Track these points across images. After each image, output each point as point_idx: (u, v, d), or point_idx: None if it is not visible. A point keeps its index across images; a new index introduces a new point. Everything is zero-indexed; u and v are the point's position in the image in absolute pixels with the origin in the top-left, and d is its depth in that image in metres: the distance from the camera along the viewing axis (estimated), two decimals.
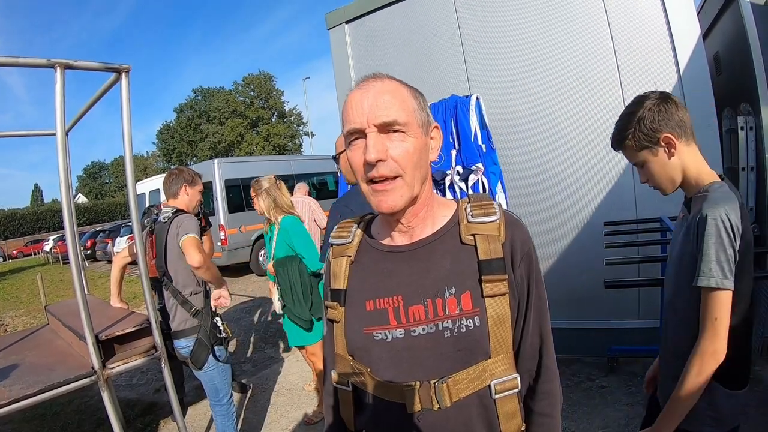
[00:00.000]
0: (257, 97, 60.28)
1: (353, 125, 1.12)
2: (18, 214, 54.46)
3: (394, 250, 1.24)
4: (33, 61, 2.43)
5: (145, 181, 14.95)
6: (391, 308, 1.17)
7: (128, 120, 2.75)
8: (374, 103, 1.10)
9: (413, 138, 1.12)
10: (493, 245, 1.16)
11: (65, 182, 2.51)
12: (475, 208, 1.22)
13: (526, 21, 4.83)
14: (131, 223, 2.87)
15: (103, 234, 27.86)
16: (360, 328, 1.20)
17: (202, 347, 3.38)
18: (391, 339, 1.16)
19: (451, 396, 1.10)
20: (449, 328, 1.12)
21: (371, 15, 5.69)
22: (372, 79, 1.16)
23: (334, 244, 1.34)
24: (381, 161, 1.09)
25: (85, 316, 2.54)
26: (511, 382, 1.16)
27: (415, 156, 1.12)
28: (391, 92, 1.13)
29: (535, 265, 1.21)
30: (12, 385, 2.57)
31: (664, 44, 4.28)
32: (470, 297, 1.13)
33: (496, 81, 4.99)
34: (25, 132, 4.10)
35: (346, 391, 1.26)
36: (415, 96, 1.18)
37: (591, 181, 4.66)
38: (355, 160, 1.13)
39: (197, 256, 3.21)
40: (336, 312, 1.25)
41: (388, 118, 1.09)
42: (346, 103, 1.16)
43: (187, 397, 5.13)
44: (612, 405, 3.97)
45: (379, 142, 1.09)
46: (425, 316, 1.14)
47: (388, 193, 1.11)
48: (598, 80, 4.56)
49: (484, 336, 1.12)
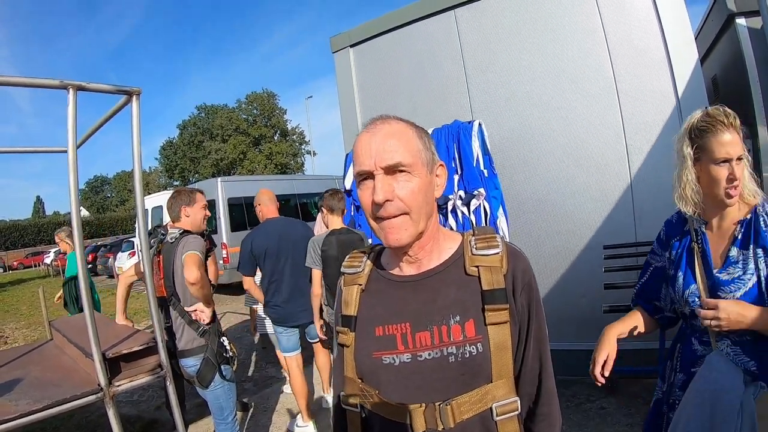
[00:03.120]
0: (260, 115, 60.43)
1: (362, 167, 1.20)
2: (19, 225, 54.63)
3: (403, 280, 1.30)
4: (46, 82, 2.47)
5: (148, 198, 15.00)
6: (399, 334, 1.23)
7: (138, 142, 2.80)
8: (381, 147, 1.18)
9: (418, 178, 1.20)
10: (495, 276, 1.23)
11: (75, 200, 2.54)
12: (479, 241, 1.30)
13: (527, 47, 4.91)
14: (135, 239, 2.90)
15: (104, 248, 27.89)
16: (369, 352, 1.26)
17: (209, 366, 3.41)
18: (399, 363, 1.22)
19: (454, 417, 1.16)
20: (453, 354, 1.18)
21: (376, 39, 5.77)
22: (380, 122, 1.25)
23: (346, 273, 1.42)
24: (388, 201, 1.17)
25: (93, 333, 2.55)
26: (512, 404, 1.22)
27: (420, 195, 1.20)
28: (396, 135, 1.21)
29: (535, 294, 1.28)
30: (18, 400, 2.58)
31: (662, 67, 4.35)
32: (474, 325, 1.20)
33: (498, 105, 5.06)
34: (36, 149, 4.13)
35: (354, 412, 1.31)
36: (420, 136, 1.26)
37: (591, 204, 4.70)
38: (364, 199, 1.22)
39: (195, 273, 3.25)
40: (347, 337, 1.31)
41: (392, 161, 1.17)
42: (356, 145, 1.24)
43: (188, 415, 5.12)
44: (612, 426, 3.98)
45: (386, 183, 1.17)
46: (431, 342, 1.20)
47: (395, 230, 1.19)
48: (598, 104, 4.63)
49: (487, 361, 1.18)
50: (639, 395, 4.39)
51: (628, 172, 4.56)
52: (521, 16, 4.94)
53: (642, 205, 4.52)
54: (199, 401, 5.07)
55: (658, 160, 4.38)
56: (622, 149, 4.57)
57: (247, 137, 58.40)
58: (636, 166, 4.53)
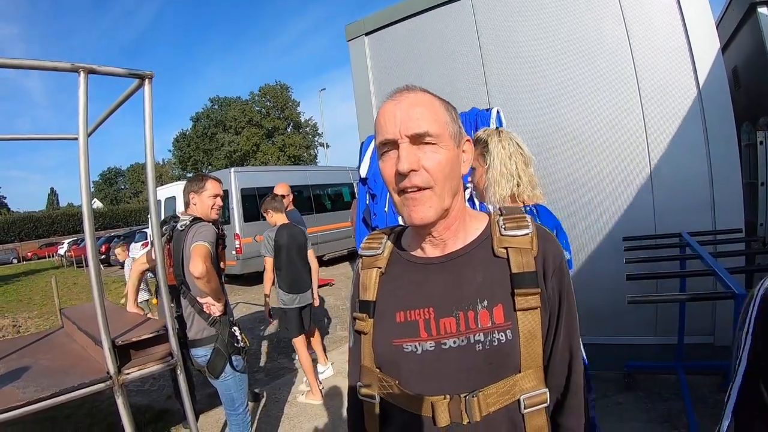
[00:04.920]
0: (273, 107, 60.58)
1: (386, 136, 1.12)
2: (34, 217, 55.14)
3: (426, 262, 1.22)
4: (57, 64, 2.44)
5: (161, 189, 15.03)
6: (422, 320, 1.15)
7: (150, 127, 2.75)
8: (407, 114, 1.10)
9: (445, 150, 1.12)
10: (525, 258, 1.15)
11: (86, 186, 2.51)
12: (507, 221, 1.21)
13: (545, 35, 4.83)
14: (148, 230, 2.86)
15: (117, 239, 28.04)
16: (389, 339, 1.18)
17: (220, 357, 3.34)
18: (421, 351, 1.14)
19: (481, 410, 1.09)
20: (481, 341, 1.10)
21: (391, 27, 5.72)
22: (405, 91, 1.16)
23: (364, 255, 1.33)
24: (413, 171, 1.08)
25: (103, 321, 2.53)
26: (541, 396, 1.14)
27: (447, 168, 1.11)
28: (423, 104, 1.13)
29: (566, 279, 1.19)
30: (25, 388, 2.56)
31: (684, 58, 4.26)
32: (502, 310, 1.12)
33: (516, 94, 4.98)
34: (47, 136, 4.12)
35: (372, 404, 1.24)
36: (447, 108, 1.18)
37: (611, 194, 4.63)
38: (387, 171, 1.13)
39: (200, 266, 3.12)
40: (365, 324, 1.23)
41: (420, 129, 1.09)
42: (379, 115, 1.15)
43: (198, 405, 5.11)
44: (628, 422, 3.90)
45: (411, 152, 1.09)
46: (456, 329, 1.12)
47: (419, 206, 1.10)
48: (618, 93, 4.55)
49: (516, 350, 1.10)
50: (656, 391, 4.32)
51: (648, 164, 4.48)
52: (539, 4, 4.86)
53: (662, 197, 4.44)
54: (209, 391, 5.06)
55: (679, 151, 4.30)
56: (642, 140, 4.49)
57: (260, 129, 58.60)
58: (656, 158, 4.45)
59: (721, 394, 1.02)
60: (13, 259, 45.22)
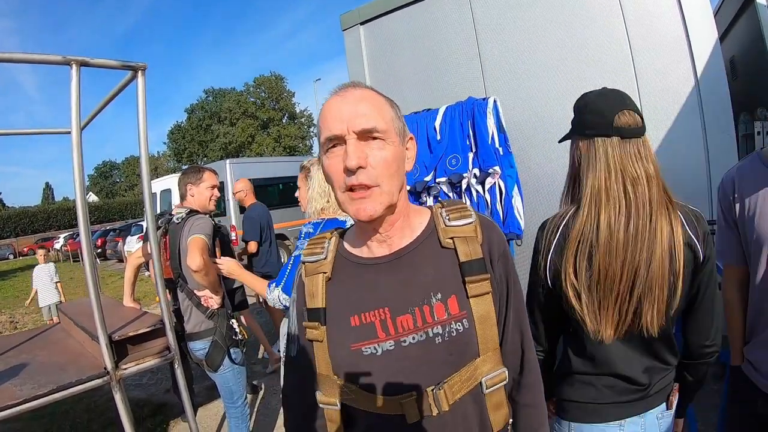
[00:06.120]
0: (268, 98, 60.50)
1: (332, 132, 1.10)
2: (29, 212, 54.94)
3: (375, 262, 1.22)
4: (49, 57, 2.42)
5: (156, 181, 14.97)
6: (378, 321, 1.16)
7: (144, 119, 2.73)
8: (354, 109, 1.09)
9: (392, 146, 1.12)
10: (472, 246, 1.18)
11: (79, 180, 2.49)
12: (451, 212, 1.25)
13: (541, 22, 4.79)
14: (144, 223, 2.85)
15: (113, 233, 28.04)
16: (346, 344, 1.17)
17: (218, 349, 3.33)
18: (381, 352, 1.14)
19: (448, 400, 1.12)
20: (440, 334, 1.13)
21: (387, 16, 5.66)
22: (350, 87, 1.16)
23: (306, 261, 1.31)
24: (361, 168, 1.07)
25: (99, 316, 2.51)
26: (500, 375, 1.19)
27: (393, 165, 1.12)
28: (369, 99, 1.13)
29: (511, 263, 1.25)
30: (23, 385, 2.55)
31: (681, 46, 4.23)
32: (456, 300, 1.15)
33: (512, 82, 4.95)
34: (40, 130, 4.09)
35: (333, 410, 1.22)
36: (392, 105, 1.19)
37: None
38: (333, 167, 1.11)
39: (197, 259, 3.08)
40: (317, 332, 1.21)
41: (368, 125, 1.08)
42: (324, 110, 1.14)
43: (197, 398, 5.11)
44: None
45: (359, 148, 1.08)
46: (414, 325, 1.14)
47: (366, 201, 1.09)
48: (614, 81, 4.47)
49: (473, 337, 1.15)
50: None
51: None
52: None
53: None
54: (208, 384, 5.06)
55: (677, 142, 4.28)
56: None
57: (255, 120, 58.52)
58: (653, 148, 4.40)
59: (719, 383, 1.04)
60: (9, 254, 45.15)
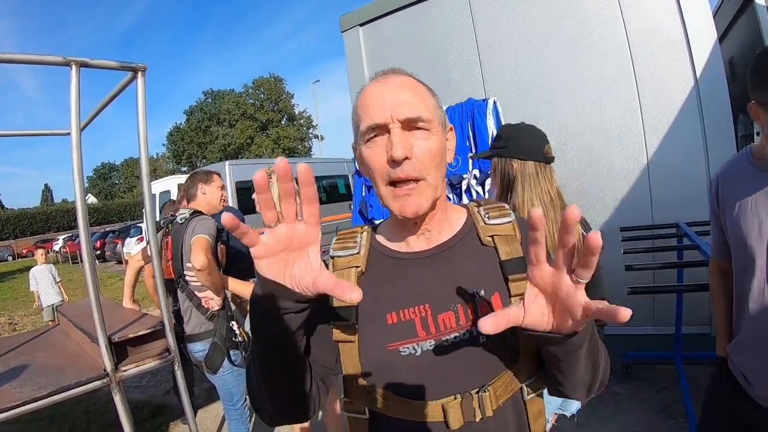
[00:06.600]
0: (267, 99, 60.57)
1: (374, 120, 1.03)
2: (28, 213, 54.90)
3: (415, 257, 1.15)
4: (48, 58, 2.41)
5: (156, 183, 14.95)
6: (419, 318, 1.08)
7: (144, 120, 2.72)
8: (396, 97, 1.03)
9: (436, 136, 1.06)
10: (513, 245, 1.12)
11: (79, 181, 2.49)
12: (491, 210, 1.19)
13: (541, 25, 4.80)
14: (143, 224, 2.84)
15: (112, 234, 28.05)
16: (382, 344, 1.08)
17: (218, 351, 3.32)
18: (421, 352, 1.06)
19: (492, 404, 1.04)
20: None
21: (386, 18, 5.67)
22: (391, 74, 1.10)
23: (336, 256, 1.20)
24: (406, 159, 1.00)
25: (98, 317, 2.50)
26: (538, 383, 1.11)
27: (438, 156, 1.06)
28: (413, 87, 1.07)
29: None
30: (23, 387, 2.54)
31: (681, 48, 4.24)
32: (499, 298, 1.08)
33: (512, 85, 4.96)
34: (39, 131, 4.08)
35: (361, 419, 1.12)
36: (433, 94, 1.13)
37: (607, 186, 4.62)
38: (376, 159, 1.05)
39: (202, 258, 3.08)
40: (348, 331, 1.11)
41: (412, 113, 1.02)
42: (364, 97, 1.08)
43: (197, 400, 5.10)
44: (626, 412, 3.92)
45: (404, 138, 1.01)
46: (456, 323, 1.06)
47: (412, 197, 1.03)
48: (614, 81, 4.53)
49: (515, 336, 1.05)
50: (653, 380, 4.35)
51: (645, 155, 4.47)
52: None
53: (659, 188, 4.43)
54: (208, 385, 5.04)
55: (677, 142, 4.29)
56: (639, 131, 4.47)
57: (254, 122, 58.62)
58: (653, 149, 4.43)
59: None
60: (8, 256, 45.07)
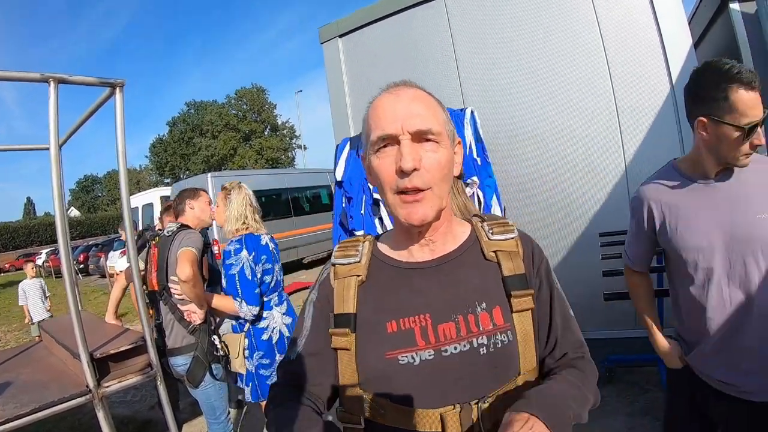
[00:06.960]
0: (250, 110, 60.48)
1: (385, 131, 1.06)
2: (10, 227, 54.20)
3: (417, 266, 1.17)
4: (27, 75, 2.41)
5: (138, 195, 14.89)
6: (418, 327, 1.09)
7: (122, 135, 2.73)
8: (408, 109, 1.06)
9: (444, 149, 1.09)
10: (515, 261, 1.15)
11: (59, 197, 2.48)
12: (494, 226, 1.22)
13: (518, 33, 4.85)
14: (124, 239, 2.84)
15: (95, 248, 27.78)
16: (380, 353, 1.09)
17: (199, 365, 3.33)
18: (419, 362, 1.07)
19: (491, 416, 1.05)
20: (485, 345, 1.07)
21: (365, 29, 5.70)
22: (403, 86, 1.13)
23: (338, 264, 1.23)
24: (415, 170, 1.03)
25: (80, 333, 2.50)
26: None
27: (446, 168, 1.09)
28: (423, 100, 1.10)
29: (551, 273, 1.22)
30: (5, 404, 2.53)
31: (656, 53, 4.30)
32: (501, 312, 1.10)
33: (489, 92, 5.00)
34: (19, 147, 4.07)
35: (357, 430, 1.13)
36: (443, 108, 1.16)
37: (585, 191, 4.66)
38: (385, 168, 1.07)
39: (188, 270, 3.12)
40: (345, 339, 1.13)
41: (423, 126, 1.05)
42: (375, 108, 1.11)
43: (182, 415, 5.06)
44: (611, 415, 3.94)
45: (414, 150, 1.04)
46: (457, 334, 1.08)
47: (419, 205, 1.06)
48: (591, 88, 4.57)
49: (516, 351, 1.09)
50: (637, 383, 4.38)
51: (622, 159, 4.51)
52: (512, 5, 4.88)
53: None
54: (192, 399, 5.00)
55: (653, 146, 4.34)
56: (616, 136, 4.52)
57: (237, 133, 58.46)
58: (630, 153, 4.48)
59: None
60: None
